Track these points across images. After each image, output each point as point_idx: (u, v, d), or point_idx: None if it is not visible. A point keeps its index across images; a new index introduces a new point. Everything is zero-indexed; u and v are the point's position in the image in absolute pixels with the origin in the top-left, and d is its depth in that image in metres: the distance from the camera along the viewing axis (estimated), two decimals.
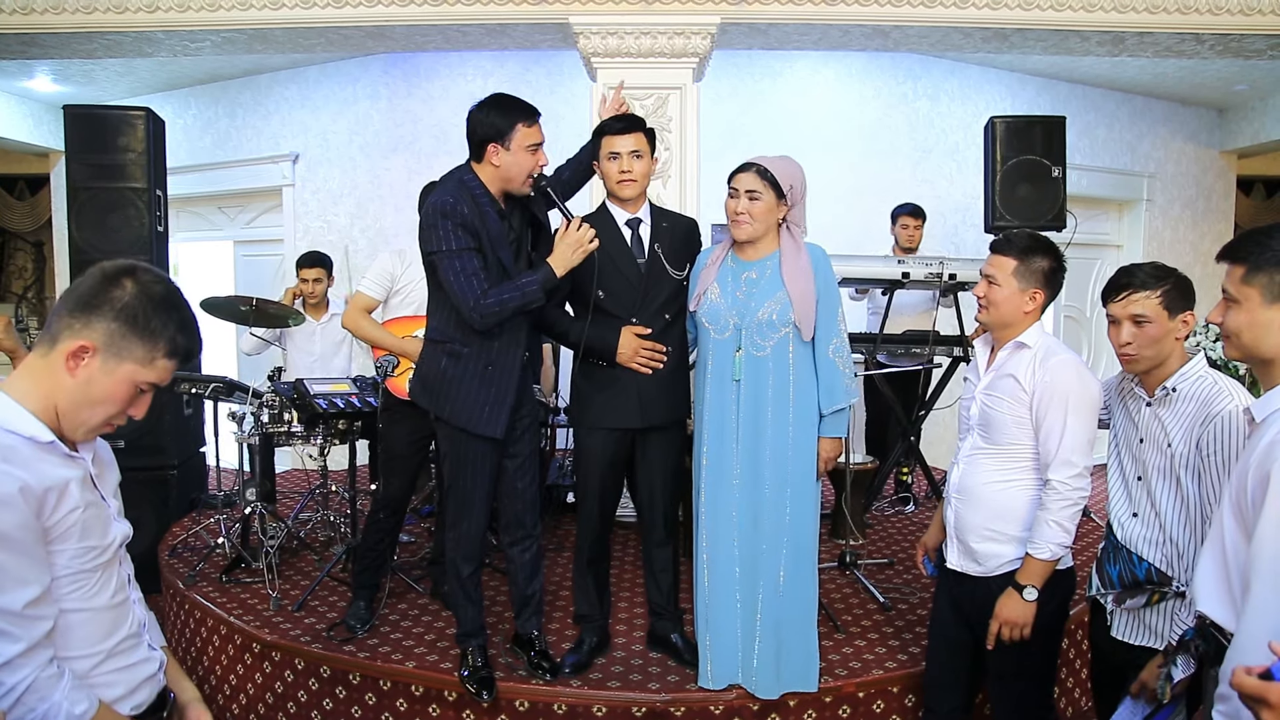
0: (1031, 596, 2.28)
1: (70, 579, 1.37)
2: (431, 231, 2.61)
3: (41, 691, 1.29)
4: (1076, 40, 4.76)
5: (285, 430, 4.05)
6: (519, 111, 2.69)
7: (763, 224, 2.73)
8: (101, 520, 1.43)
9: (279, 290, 6.37)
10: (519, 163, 2.69)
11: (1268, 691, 1.22)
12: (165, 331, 1.41)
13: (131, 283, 1.39)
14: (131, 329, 1.38)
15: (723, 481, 2.78)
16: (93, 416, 1.42)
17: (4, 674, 1.26)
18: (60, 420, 1.40)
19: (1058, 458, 2.26)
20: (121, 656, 1.46)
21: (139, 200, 4.64)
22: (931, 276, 4.56)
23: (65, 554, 1.35)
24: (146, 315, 1.39)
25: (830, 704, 2.92)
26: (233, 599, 3.70)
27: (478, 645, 2.92)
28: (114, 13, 4.50)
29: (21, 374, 1.40)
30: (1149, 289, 2.15)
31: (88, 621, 1.40)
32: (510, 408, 2.76)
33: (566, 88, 6.19)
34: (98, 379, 1.39)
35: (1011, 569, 2.36)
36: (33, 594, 1.29)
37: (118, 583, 1.47)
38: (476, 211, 2.64)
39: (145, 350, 1.40)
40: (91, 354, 1.37)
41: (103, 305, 1.37)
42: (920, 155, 6.56)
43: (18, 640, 1.27)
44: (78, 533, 1.36)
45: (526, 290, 2.64)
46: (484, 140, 2.68)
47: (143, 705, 1.50)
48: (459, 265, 2.59)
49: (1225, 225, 7.78)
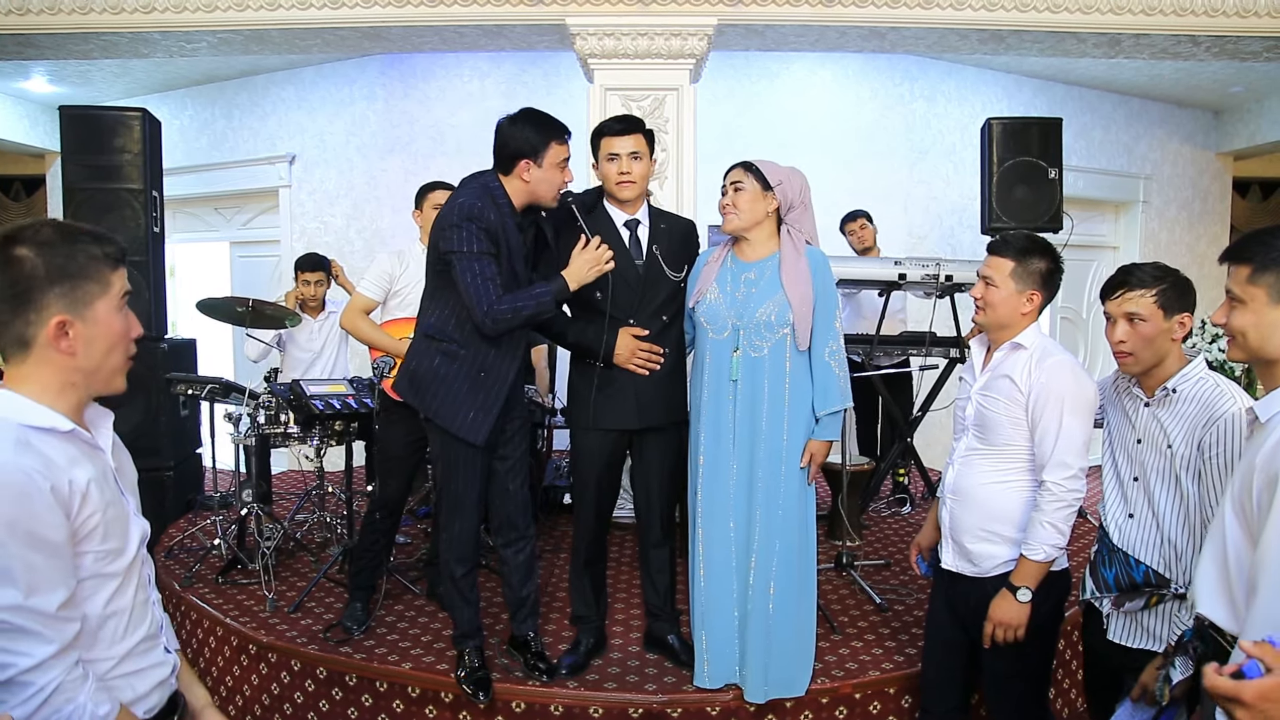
0: (1025, 598, 2.28)
1: (94, 581, 1.37)
2: (454, 231, 2.62)
3: (68, 693, 1.30)
4: (1073, 42, 4.77)
5: (282, 431, 4.05)
6: (553, 129, 2.72)
7: (748, 214, 2.73)
8: (122, 520, 1.42)
9: (275, 291, 6.38)
10: (550, 179, 2.72)
11: (1241, 691, 1.22)
12: (93, 256, 1.38)
13: (22, 248, 1.34)
14: (73, 278, 1.36)
15: (719, 481, 2.78)
16: (115, 361, 1.44)
17: (35, 675, 1.27)
18: (91, 389, 1.42)
19: (1053, 459, 2.26)
20: (139, 658, 1.46)
21: (135, 201, 4.64)
22: (928, 278, 4.56)
23: (89, 556, 1.35)
24: (68, 257, 1.36)
25: (827, 705, 2.92)
26: (229, 600, 3.70)
27: (474, 646, 2.92)
28: (110, 13, 4.49)
29: (17, 380, 1.37)
30: (1145, 287, 2.16)
31: (109, 622, 1.40)
32: (496, 417, 2.76)
33: (563, 89, 6.19)
34: (92, 335, 1.38)
35: (1006, 570, 2.36)
36: (63, 596, 1.30)
37: (138, 583, 1.47)
38: (500, 221, 2.66)
39: (97, 283, 1.39)
40: (69, 324, 1.36)
41: (30, 283, 1.33)
42: (917, 156, 6.57)
43: (50, 642, 1.28)
44: (100, 534, 1.36)
45: (540, 300, 2.66)
46: (516, 155, 2.69)
47: (155, 709, 1.49)
48: (477, 268, 2.61)
49: (1221, 227, 7.79)
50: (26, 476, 1.26)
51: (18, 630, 1.25)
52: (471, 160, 2.94)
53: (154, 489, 4.75)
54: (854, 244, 5.46)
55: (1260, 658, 1.24)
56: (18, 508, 1.25)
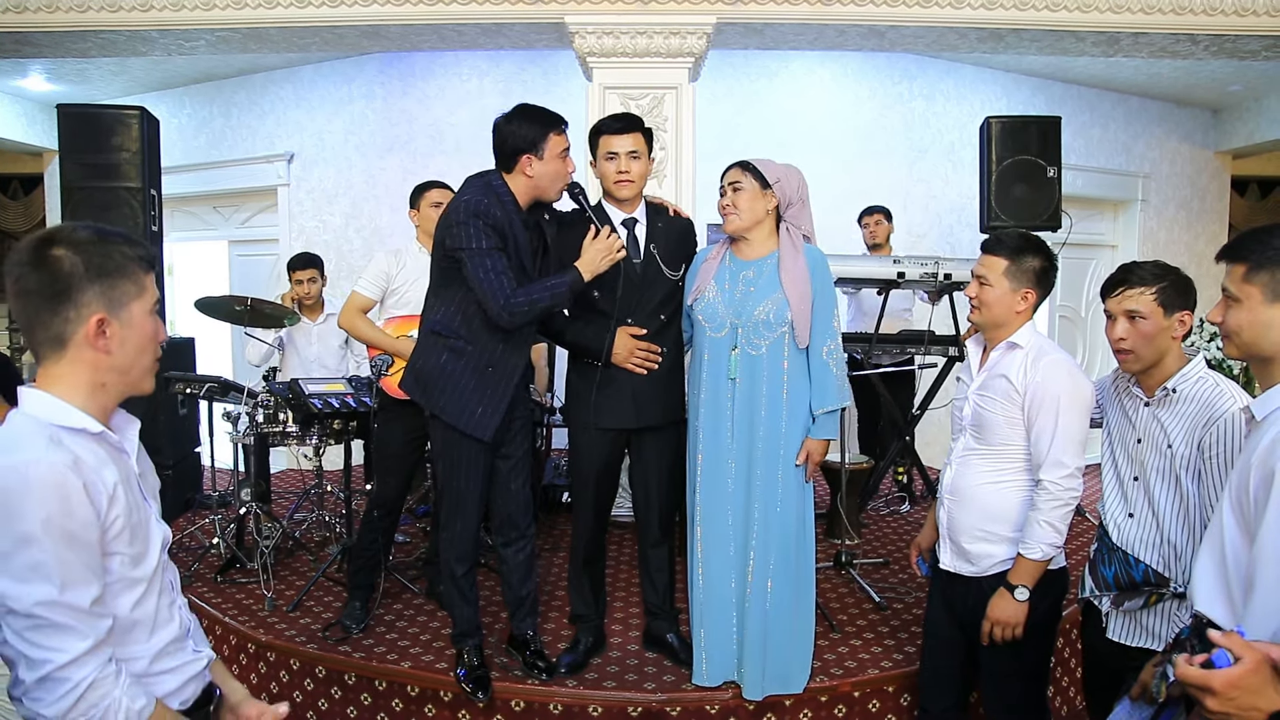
0: (1023, 596, 2.29)
1: (119, 585, 1.37)
2: (461, 229, 2.63)
3: (104, 688, 1.30)
4: (1072, 41, 4.77)
5: (280, 430, 4.05)
6: (550, 121, 2.72)
7: (749, 213, 2.74)
8: (144, 524, 1.43)
9: (274, 290, 6.37)
10: (553, 171, 2.72)
11: (1210, 679, 1.26)
12: (127, 257, 1.41)
13: (60, 248, 1.36)
14: (111, 276, 1.38)
15: (717, 479, 2.78)
16: (146, 362, 1.46)
17: (71, 670, 1.27)
18: (123, 389, 1.43)
19: (1049, 458, 2.26)
20: (170, 658, 1.47)
21: (133, 200, 4.63)
22: (927, 276, 4.56)
23: (115, 559, 1.36)
24: (105, 257, 1.38)
25: (826, 703, 2.92)
26: (228, 599, 3.70)
27: (473, 645, 2.92)
28: (108, 11, 4.48)
29: (50, 380, 1.38)
30: (1146, 285, 2.16)
31: (136, 627, 1.41)
32: (504, 413, 2.76)
33: (562, 87, 6.19)
34: (127, 335, 1.40)
35: (1004, 569, 2.36)
36: (96, 592, 1.31)
37: (162, 587, 1.47)
38: (506, 218, 2.67)
39: (133, 283, 1.41)
40: (107, 322, 1.38)
41: (69, 281, 1.35)
42: (916, 155, 6.56)
43: (85, 637, 1.29)
44: (126, 536, 1.37)
45: (555, 291, 2.67)
46: (516, 151, 2.69)
47: (190, 700, 1.51)
48: (489, 264, 2.61)
49: (1220, 226, 7.79)
50: (61, 473, 1.27)
51: (53, 625, 1.26)
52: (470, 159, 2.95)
53: None
54: (866, 238, 5.49)
55: (1229, 647, 1.28)
56: (53, 504, 1.26)
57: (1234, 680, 1.26)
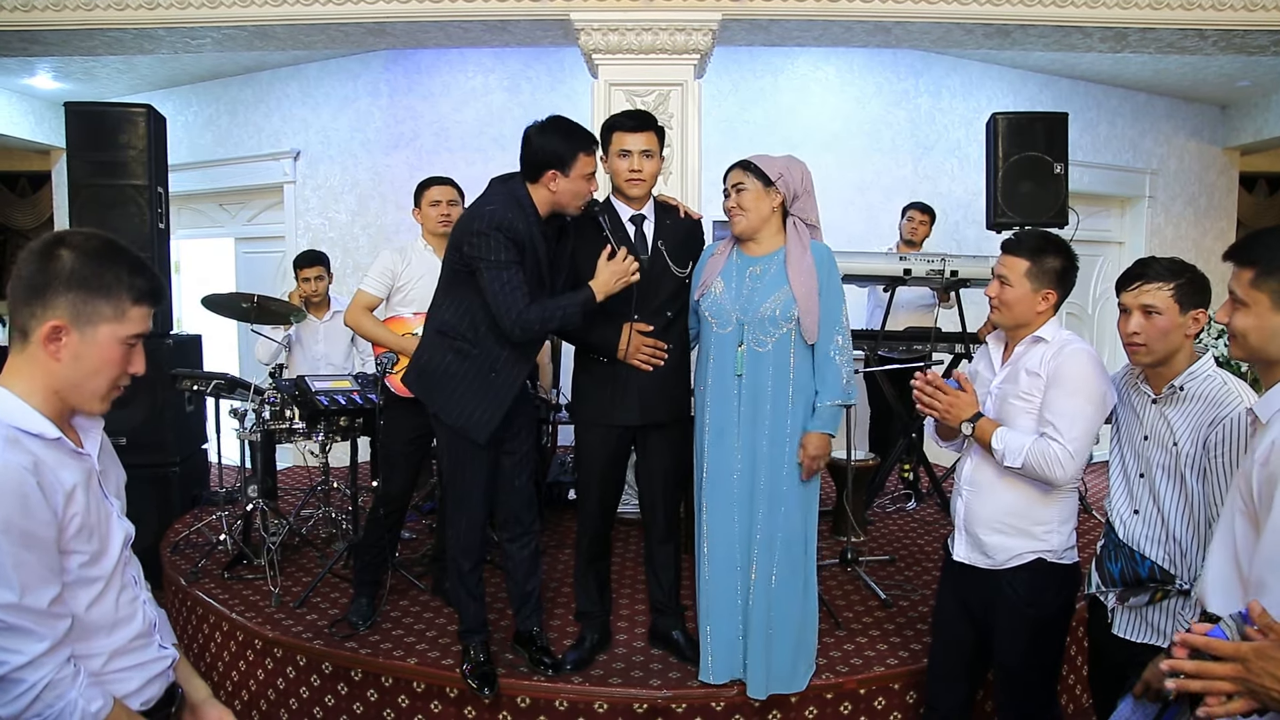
0: (967, 431, 2.36)
1: (77, 585, 1.37)
2: (482, 240, 2.63)
3: (60, 689, 1.30)
4: (1079, 36, 4.75)
5: (287, 427, 4.06)
6: (581, 140, 2.72)
7: (755, 213, 2.73)
8: (104, 524, 1.42)
9: (280, 287, 6.39)
10: (576, 190, 2.73)
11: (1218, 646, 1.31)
12: (120, 281, 1.38)
13: (66, 249, 1.36)
14: (89, 291, 1.36)
15: (723, 476, 2.78)
16: (98, 385, 1.41)
17: (27, 671, 1.27)
18: (69, 401, 1.40)
19: (1059, 432, 2.23)
20: (132, 655, 1.47)
21: (140, 197, 4.64)
22: (933, 273, 4.55)
23: (73, 557, 1.36)
24: (96, 272, 1.36)
25: (831, 700, 2.92)
26: (235, 595, 3.71)
27: (479, 641, 2.93)
28: (115, 9, 4.49)
29: (12, 373, 1.39)
30: (1163, 281, 2.14)
31: (97, 623, 1.41)
32: (502, 418, 2.77)
33: (568, 85, 6.19)
34: (83, 352, 1.38)
35: (1020, 562, 2.35)
36: (54, 592, 1.31)
37: (123, 583, 1.47)
38: (528, 231, 2.68)
39: (111, 307, 1.38)
40: (65, 331, 1.36)
41: (51, 281, 1.35)
42: (922, 152, 6.55)
43: (43, 639, 1.29)
44: (85, 537, 1.36)
45: (567, 311, 2.70)
46: (544, 165, 2.69)
47: (151, 701, 1.50)
48: (505, 278, 2.62)
49: (1228, 222, 7.76)
50: (19, 475, 1.27)
51: (11, 629, 1.26)
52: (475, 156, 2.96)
53: (160, 485, 4.76)
54: (905, 231, 5.52)
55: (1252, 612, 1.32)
56: (11, 507, 1.25)
57: (1260, 649, 1.26)
